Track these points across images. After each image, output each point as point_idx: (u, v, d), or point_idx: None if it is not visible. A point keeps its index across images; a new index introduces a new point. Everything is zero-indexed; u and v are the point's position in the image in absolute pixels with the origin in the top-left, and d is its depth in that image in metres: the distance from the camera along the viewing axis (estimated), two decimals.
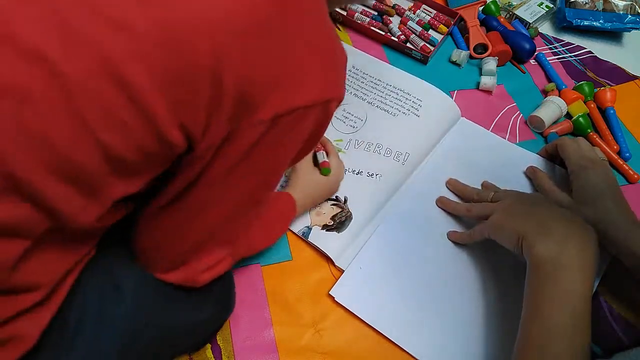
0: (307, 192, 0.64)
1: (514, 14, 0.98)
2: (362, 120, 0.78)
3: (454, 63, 0.89)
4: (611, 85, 0.89)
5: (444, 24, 0.93)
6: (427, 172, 0.73)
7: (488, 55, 0.88)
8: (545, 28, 1.00)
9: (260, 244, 0.58)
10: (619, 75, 0.91)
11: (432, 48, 0.89)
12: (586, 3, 0.98)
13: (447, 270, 0.64)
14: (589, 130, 0.80)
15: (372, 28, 0.91)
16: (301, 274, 0.63)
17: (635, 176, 0.76)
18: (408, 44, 0.90)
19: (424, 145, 0.75)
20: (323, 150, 0.68)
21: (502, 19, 0.95)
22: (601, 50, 0.96)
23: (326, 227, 0.66)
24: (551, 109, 0.80)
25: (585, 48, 0.95)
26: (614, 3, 0.98)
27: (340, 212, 0.67)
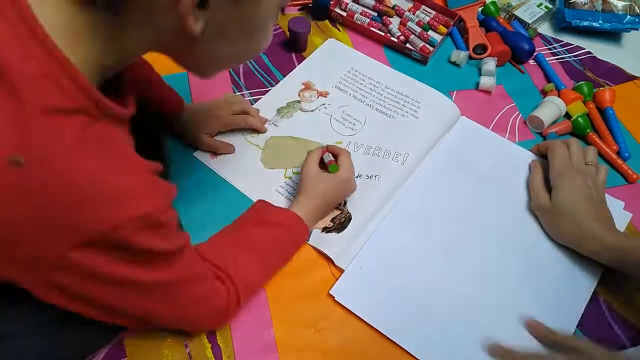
0: (317, 196, 0.64)
1: (513, 14, 0.98)
2: (361, 122, 0.78)
3: (454, 63, 0.89)
4: (610, 86, 0.89)
5: (443, 25, 0.93)
6: (427, 172, 0.73)
7: (487, 56, 0.88)
8: (545, 28, 1.00)
9: (268, 270, 0.60)
10: (618, 76, 0.92)
11: (431, 49, 0.89)
12: (585, 3, 0.98)
13: (446, 270, 0.65)
14: (588, 131, 0.80)
15: (372, 29, 0.91)
16: (301, 274, 0.63)
17: (635, 176, 0.76)
18: (408, 45, 0.91)
19: (423, 146, 0.75)
20: (327, 152, 0.68)
21: (501, 20, 0.95)
22: (600, 50, 0.96)
23: (326, 229, 0.66)
24: (550, 109, 0.80)
25: (584, 48, 0.95)
26: (612, 3, 0.98)
27: (340, 214, 0.68)
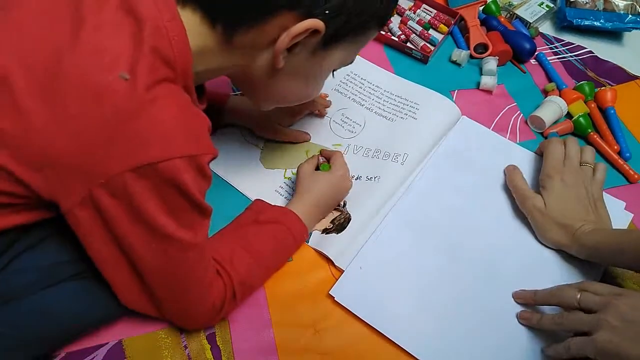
0: (313, 195, 0.64)
1: (515, 13, 0.98)
2: (360, 125, 0.78)
3: (454, 63, 0.89)
4: (612, 85, 0.89)
5: (444, 24, 0.92)
6: (427, 172, 0.73)
7: (488, 55, 0.87)
8: (546, 28, 0.99)
9: (265, 267, 0.60)
10: (619, 75, 0.91)
11: (432, 48, 0.89)
12: (587, 3, 0.98)
13: (446, 270, 0.64)
14: (590, 130, 0.80)
15: None
16: (301, 274, 0.63)
17: (636, 176, 0.76)
18: (408, 44, 0.90)
19: (423, 146, 0.75)
20: (321, 156, 0.69)
21: (502, 19, 0.95)
22: (602, 50, 0.96)
23: (326, 231, 0.66)
24: (552, 109, 0.80)
25: (585, 48, 0.95)
26: (614, 3, 0.98)
27: (339, 215, 0.67)
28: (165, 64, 0.42)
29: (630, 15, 0.96)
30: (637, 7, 0.97)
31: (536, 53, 0.91)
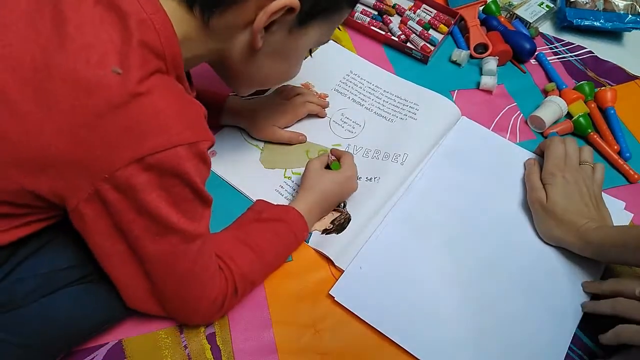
0: (317, 192, 0.64)
1: (515, 13, 0.98)
2: (360, 126, 0.78)
3: (455, 63, 0.89)
4: (611, 85, 0.89)
5: (444, 24, 0.92)
6: (427, 172, 0.73)
7: (488, 55, 0.87)
8: (546, 28, 0.99)
9: (266, 263, 0.60)
10: (619, 75, 0.91)
11: (432, 48, 0.89)
12: (587, 3, 0.98)
13: (446, 270, 0.64)
14: (590, 130, 0.80)
15: (372, 28, 0.91)
16: (301, 274, 0.63)
17: (636, 176, 0.76)
18: (408, 44, 0.90)
19: (423, 146, 0.75)
20: (331, 155, 0.68)
21: (502, 19, 0.95)
22: (602, 50, 0.96)
23: (326, 231, 0.66)
24: (552, 109, 0.80)
25: (585, 48, 0.95)
26: (614, 3, 0.98)
27: (339, 215, 0.67)
28: (155, 56, 0.43)
29: (630, 15, 0.96)
30: (637, 7, 0.97)
31: (536, 53, 0.91)
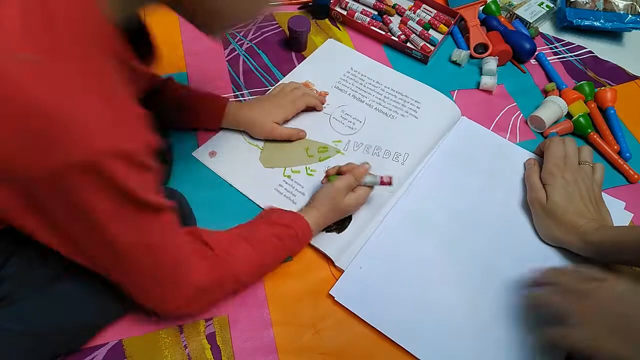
0: (318, 206, 0.63)
1: (515, 13, 0.98)
2: (360, 122, 0.78)
3: (455, 63, 0.89)
4: (612, 85, 0.89)
5: (444, 24, 0.92)
6: (428, 172, 0.73)
7: (488, 55, 0.88)
8: (546, 28, 0.99)
9: (264, 261, 0.59)
10: (619, 75, 0.91)
11: (432, 48, 0.89)
12: (587, 3, 0.98)
13: (446, 270, 0.64)
14: (590, 130, 0.80)
15: (372, 28, 0.91)
16: (301, 274, 0.63)
17: (636, 176, 0.76)
18: (408, 44, 0.90)
19: (424, 146, 0.75)
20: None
21: (502, 19, 0.95)
22: (602, 50, 0.96)
23: (326, 229, 0.66)
24: (552, 109, 0.80)
25: (585, 48, 0.95)
26: (614, 3, 0.98)
27: None
28: (73, 36, 0.37)
29: (630, 15, 0.96)
30: (637, 7, 0.97)
31: (536, 53, 0.91)
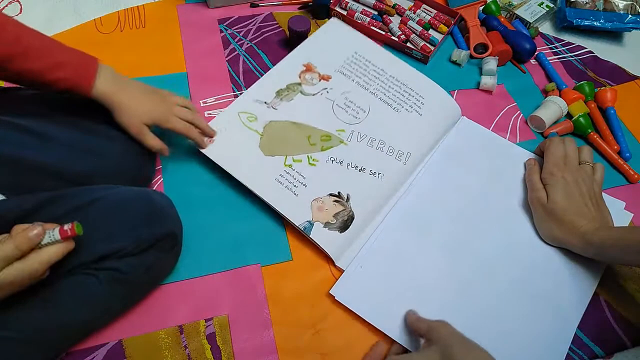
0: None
1: (515, 13, 0.98)
2: (364, 111, 0.77)
3: (455, 63, 0.89)
4: (612, 85, 0.89)
5: (444, 24, 0.92)
6: (428, 172, 0.73)
7: (488, 55, 0.88)
8: (546, 28, 0.99)
9: None
10: (619, 75, 0.91)
11: (432, 48, 0.89)
12: (587, 3, 0.98)
13: (447, 270, 0.64)
14: (590, 130, 0.80)
15: (372, 28, 0.91)
16: (301, 274, 0.63)
17: (636, 176, 0.76)
18: (408, 44, 0.90)
19: (426, 145, 0.75)
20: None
21: (502, 19, 0.95)
22: (602, 50, 0.96)
23: (328, 225, 0.65)
24: (552, 109, 0.80)
25: (585, 48, 0.95)
26: (614, 3, 0.98)
27: (343, 210, 0.67)
28: None
29: (630, 15, 0.96)
30: (637, 7, 0.97)
31: (536, 53, 0.91)
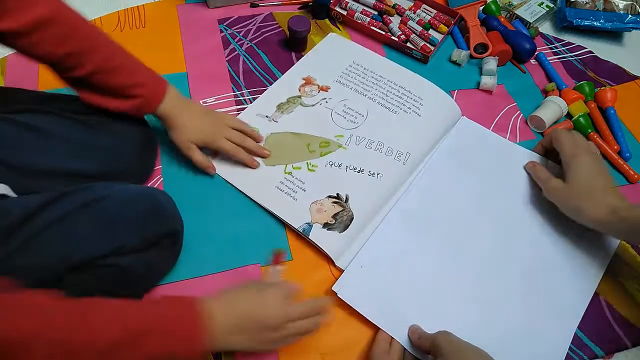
0: (232, 307, 0.49)
1: (515, 13, 0.98)
2: (363, 116, 0.78)
3: (455, 63, 0.89)
4: (612, 85, 0.89)
5: (444, 24, 0.92)
6: (428, 172, 0.73)
7: (488, 55, 0.88)
8: (546, 28, 1.00)
9: None
10: (619, 75, 0.92)
11: (432, 48, 0.89)
12: (587, 3, 0.98)
13: (447, 269, 0.64)
14: (590, 130, 0.80)
15: (372, 28, 0.91)
16: (301, 274, 0.63)
17: (636, 176, 0.76)
18: (408, 44, 0.90)
19: (425, 145, 0.75)
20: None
21: (502, 19, 0.95)
22: (602, 50, 0.96)
23: (327, 226, 0.66)
24: (552, 109, 0.80)
25: (585, 48, 0.95)
26: (614, 3, 0.98)
27: (342, 211, 0.67)
28: None
29: (630, 15, 0.97)
30: (637, 7, 0.97)
31: (536, 53, 0.91)
